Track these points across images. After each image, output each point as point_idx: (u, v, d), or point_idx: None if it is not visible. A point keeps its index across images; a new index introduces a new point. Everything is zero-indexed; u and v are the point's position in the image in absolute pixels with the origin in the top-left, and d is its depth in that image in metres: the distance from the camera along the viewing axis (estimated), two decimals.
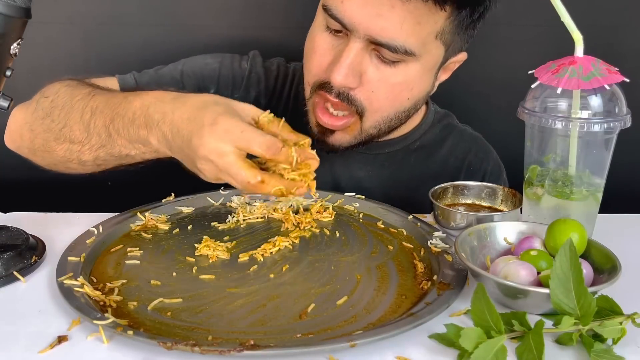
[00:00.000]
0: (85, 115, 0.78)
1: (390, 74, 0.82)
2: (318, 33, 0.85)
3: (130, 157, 0.77)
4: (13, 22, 0.63)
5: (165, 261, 0.72)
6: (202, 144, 0.68)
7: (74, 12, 1.21)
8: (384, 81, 0.83)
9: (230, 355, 0.53)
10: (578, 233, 0.66)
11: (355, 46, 0.80)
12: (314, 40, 0.85)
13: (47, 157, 0.83)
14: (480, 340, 0.54)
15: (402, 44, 0.79)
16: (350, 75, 0.81)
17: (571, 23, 0.70)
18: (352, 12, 0.78)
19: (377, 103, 0.85)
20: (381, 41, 0.78)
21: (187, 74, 0.99)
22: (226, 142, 0.67)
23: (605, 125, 0.71)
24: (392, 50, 0.79)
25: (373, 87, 0.83)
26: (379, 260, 0.73)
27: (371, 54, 0.81)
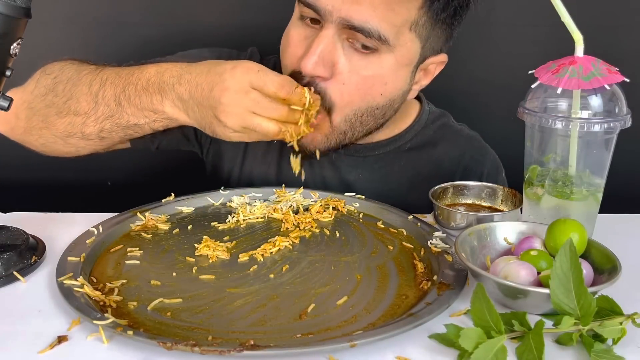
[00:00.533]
0: (94, 87, 0.81)
1: (362, 66, 0.81)
2: (292, 26, 0.85)
3: (139, 127, 0.80)
4: (13, 22, 0.63)
5: (165, 261, 0.72)
6: (225, 88, 0.73)
7: (74, 12, 1.21)
8: (356, 73, 0.81)
9: (230, 355, 0.53)
10: (578, 233, 0.66)
11: (327, 33, 0.79)
12: (289, 33, 0.86)
13: (44, 135, 0.84)
14: (480, 340, 0.54)
15: (376, 27, 0.78)
16: (320, 64, 0.79)
17: (571, 23, 0.70)
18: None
19: (348, 96, 0.82)
20: (354, 23, 0.77)
21: None
22: (246, 81, 0.73)
23: (605, 125, 0.71)
24: (366, 35, 0.78)
25: (344, 78, 0.81)
26: (379, 260, 0.73)
27: (344, 43, 0.80)
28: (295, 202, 0.88)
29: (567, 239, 0.58)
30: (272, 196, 0.90)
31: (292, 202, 0.88)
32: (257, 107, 0.74)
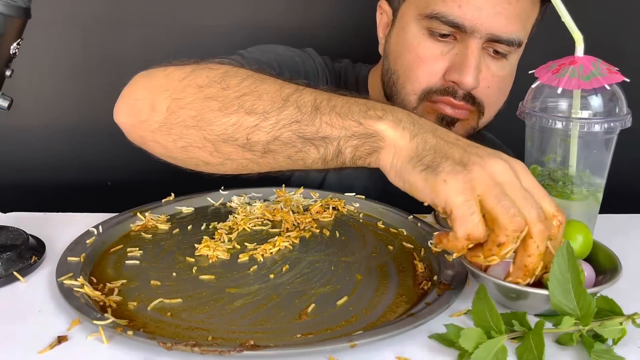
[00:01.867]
0: (287, 89, 0.65)
1: (499, 68, 0.88)
2: (420, 42, 0.86)
3: (327, 141, 0.62)
4: (13, 22, 0.64)
5: (165, 261, 0.72)
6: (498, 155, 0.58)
7: (74, 12, 1.21)
8: (496, 75, 0.87)
9: (230, 355, 0.53)
10: (583, 235, 0.66)
11: (476, 47, 0.83)
12: (417, 50, 0.87)
13: (189, 135, 0.66)
14: (480, 340, 0.54)
15: (518, 37, 0.85)
16: (478, 76, 0.84)
17: (571, 23, 0.70)
18: (472, 14, 0.82)
19: (494, 97, 0.89)
20: (501, 37, 0.83)
21: (283, 66, 0.92)
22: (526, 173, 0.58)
23: (605, 125, 0.71)
24: (509, 44, 0.84)
25: (488, 82, 0.87)
26: (379, 261, 0.73)
27: (483, 52, 0.86)
28: (295, 201, 0.88)
29: (565, 241, 0.58)
30: (272, 196, 0.90)
31: (292, 202, 0.88)
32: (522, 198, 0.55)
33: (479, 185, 0.55)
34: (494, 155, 0.57)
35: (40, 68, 1.20)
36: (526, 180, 0.57)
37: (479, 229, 0.55)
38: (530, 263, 0.56)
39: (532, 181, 0.58)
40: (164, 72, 0.70)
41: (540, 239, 0.55)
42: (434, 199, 0.56)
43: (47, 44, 1.19)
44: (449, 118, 0.88)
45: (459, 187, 0.55)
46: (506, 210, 0.54)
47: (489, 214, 0.55)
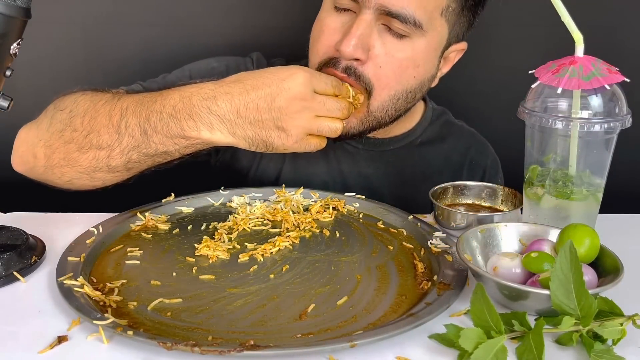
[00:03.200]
0: (114, 117, 0.76)
1: (397, 49, 0.84)
2: (325, 15, 0.87)
3: (168, 154, 0.77)
4: (13, 22, 0.63)
5: (165, 261, 0.72)
6: (291, 97, 0.74)
7: (74, 12, 1.21)
8: (391, 55, 0.84)
9: (230, 355, 0.53)
10: (590, 239, 0.65)
11: (365, 18, 0.82)
12: (322, 22, 0.87)
13: (67, 173, 0.80)
14: (480, 340, 0.54)
15: (412, 14, 0.81)
16: (359, 47, 0.82)
17: (571, 23, 0.70)
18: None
19: (385, 79, 0.86)
20: (391, 10, 0.81)
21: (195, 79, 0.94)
22: (309, 85, 0.75)
23: (605, 125, 0.71)
24: (402, 21, 0.82)
25: (380, 61, 0.84)
26: (379, 261, 0.73)
27: (379, 28, 0.84)
28: (296, 201, 0.88)
29: (567, 241, 0.58)
30: (272, 196, 0.90)
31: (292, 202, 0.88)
32: (323, 110, 0.76)
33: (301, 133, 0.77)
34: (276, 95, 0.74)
35: (40, 68, 1.20)
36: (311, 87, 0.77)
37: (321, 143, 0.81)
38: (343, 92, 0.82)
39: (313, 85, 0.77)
40: (36, 124, 0.83)
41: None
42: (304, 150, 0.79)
43: (47, 44, 1.19)
44: None
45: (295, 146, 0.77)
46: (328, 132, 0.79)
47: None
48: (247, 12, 1.24)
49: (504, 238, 0.72)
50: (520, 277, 0.64)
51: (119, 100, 0.78)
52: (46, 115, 0.82)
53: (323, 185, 0.99)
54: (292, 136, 0.76)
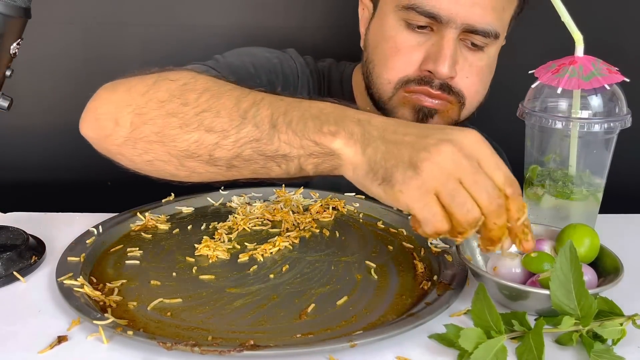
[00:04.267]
0: (244, 103, 0.65)
1: (476, 59, 0.88)
2: (397, 33, 0.88)
3: (287, 159, 0.63)
4: (13, 22, 0.64)
5: (165, 261, 0.72)
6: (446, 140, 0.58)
7: (74, 12, 1.21)
8: (474, 66, 0.88)
9: (230, 355, 0.53)
10: (590, 239, 0.65)
11: (452, 37, 0.84)
12: (395, 40, 0.88)
13: (154, 151, 0.67)
14: (480, 340, 0.54)
15: (495, 28, 0.85)
16: (453, 66, 0.85)
17: (571, 23, 0.70)
18: (448, 4, 0.83)
19: (473, 87, 0.89)
20: (477, 28, 0.84)
21: (258, 68, 0.94)
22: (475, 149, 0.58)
23: (605, 125, 0.71)
24: (485, 36, 0.85)
25: (466, 73, 0.88)
26: (379, 261, 0.73)
27: (459, 43, 0.86)
28: (296, 201, 0.88)
29: (568, 241, 0.58)
30: (272, 196, 0.90)
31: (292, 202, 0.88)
32: (472, 182, 0.57)
33: (432, 185, 0.57)
34: (441, 141, 0.58)
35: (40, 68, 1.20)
36: (477, 154, 0.58)
37: (444, 226, 0.58)
38: (494, 236, 0.59)
39: (483, 152, 0.58)
40: (127, 85, 0.71)
41: (495, 217, 0.58)
42: (398, 206, 0.60)
43: (47, 44, 1.19)
44: (427, 109, 0.88)
45: (415, 195, 0.57)
46: (460, 207, 0.57)
47: (446, 210, 0.57)
48: (247, 12, 1.24)
49: None
50: (520, 277, 0.64)
51: (252, 91, 0.67)
52: (142, 80, 0.70)
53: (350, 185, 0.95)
54: (419, 179, 0.57)
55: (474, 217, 0.57)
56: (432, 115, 0.89)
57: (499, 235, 0.59)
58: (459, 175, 0.57)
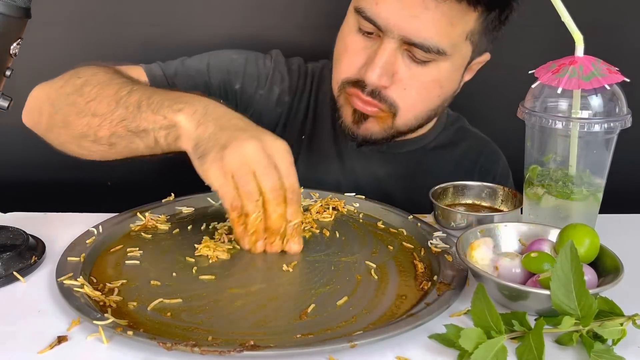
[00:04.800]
0: (122, 92, 0.77)
1: (421, 73, 0.85)
2: (350, 34, 0.88)
3: (145, 133, 0.74)
4: (13, 22, 0.63)
5: (165, 261, 0.72)
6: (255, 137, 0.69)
7: (74, 12, 1.21)
8: (416, 79, 0.86)
9: (230, 355, 0.53)
10: (590, 239, 0.65)
11: (389, 47, 0.83)
12: (346, 41, 0.88)
13: (62, 134, 0.82)
14: (480, 340, 0.54)
15: (435, 44, 0.82)
16: (384, 75, 0.84)
17: (571, 23, 0.70)
18: (387, 13, 0.81)
19: (411, 100, 0.87)
20: (415, 41, 0.81)
21: (214, 68, 0.99)
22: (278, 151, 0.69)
23: (605, 125, 0.71)
24: (425, 50, 0.82)
25: (405, 84, 0.86)
26: (379, 261, 0.73)
27: (403, 53, 0.84)
28: None
29: (568, 241, 0.58)
30: None
31: None
32: (262, 173, 0.68)
33: (230, 168, 0.68)
34: (252, 137, 0.69)
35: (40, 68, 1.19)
36: (277, 158, 0.69)
37: (235, 202, 0.69)
38: (274, 224, 0.71)
39: (282, 159, 0.70)
40: (50, 82, 0.86)
41: (274, 204, 0.69)
42: (206, 181, 0.70)
43: (47, 44, 1.19)
44: (359, 112, 0.89)
45: (217, 173, 0.68)
46: (245, 187, 0.68)
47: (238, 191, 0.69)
48: (247, 12, 1.24)
49: (503, 238, 0.72)
50: (520, 277, 0.64)
51: (136, 83, 0.81)
52: (62, 78, 0.85)
53: (335, 183, 0.99)
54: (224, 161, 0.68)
55: (255, 198, 0.68)
56: (366, 119, 0.89)
57: (277, 225, 0.71)
58: (254, 165, 0.68)
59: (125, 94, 0.77)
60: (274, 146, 0.69)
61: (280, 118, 1.02)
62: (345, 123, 0.92)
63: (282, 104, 1.01)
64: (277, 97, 1.02)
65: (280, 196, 0.69)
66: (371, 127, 0.90)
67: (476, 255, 0.67)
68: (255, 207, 0.69)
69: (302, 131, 1.02)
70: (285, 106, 1.02)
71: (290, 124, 1.02)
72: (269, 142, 0.69)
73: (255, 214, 0.69)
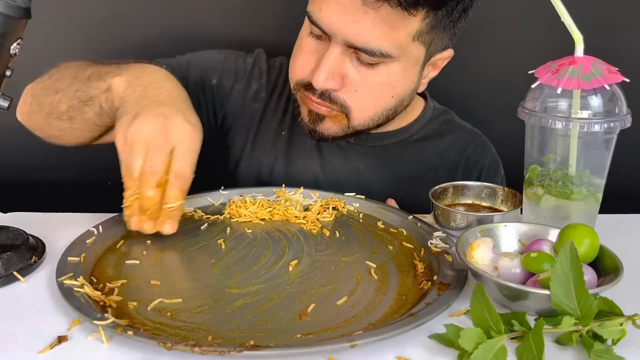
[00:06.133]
0: (80, 71, 0.84)
1: (371, 75, 0.86)
2: (303, 36, 0.89)
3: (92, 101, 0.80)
4: (13, 22, 0.63)
5: (165, 261, 0.72)
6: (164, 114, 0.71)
7: (74, 12, 1.21)
8: (366, 81, 0.86)
9: (230, 355, 0.53)
10: (590, 239, 0.65)
11: (334, 51, 0.84)
12: (300, 43, 0.90)
13: (37, 119, 0.89)
14: (480, 340, 0.54)
15: (378, 47, 0.82)
16: (330, 79, 0.84)
17: (571, 23, 0.70)
18: (329, 18, 0.82)
19: (362, 102, 0.88)
20: (357, 45, 0.82)
21: (192, 65, 1.01)
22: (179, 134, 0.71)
23: (605, 125, 0.71)
24: (369, 54, 0.82)
25: (355, 87, 0.86)
26: (379, 261, 0.73)
27: (351, 56, 0.85)
28: (296, 201, 0.88)
29: (568, 241, 0.58)
30: (272, 196, 0.90)
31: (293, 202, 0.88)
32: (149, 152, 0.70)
33: (130, 138, 0.70)
34: (162, 115, 0.71)
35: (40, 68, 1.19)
36: (175, 141, 0.71)
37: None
38: (145, 204, 0.71)
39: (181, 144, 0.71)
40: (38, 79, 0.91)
41: (146, 183, 0.70)
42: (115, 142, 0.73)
43: (47, 44, 1.19)
44: (314, 112, 0.90)
45: (120, 139, 0.71)
46: (126, 160, 0.71)
47: None
48: (247, 12, 1.24)
49: (503, 238, 0.72)
50: (520, 277, 0.65)
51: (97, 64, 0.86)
52: (48, 73, 0.90)
53: (314, 179, 1.00)
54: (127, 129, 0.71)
55: (133, 175, 0.70)
56: (322, 120, 0.90)
57: (147, 205, 0.71)
58: (149, 142, 0.70)
59: (83, 70, 0.84)
60: (178, 128, 0.71)
61: (257, 113, 1.03)
62: (303, 121, 0.93)
63: (259, 99, 1.03)
64: (254, 93, 1.03)
65: (156, 180, 0.70)
66: (328, 127, 0.91)
67: (476, 255, 0.67)
68: (131, 183, 0.71)
69: (281, 127, 1.03)
70: (262, 102, 1.03)
71: (267, 119, 1.03)
72: (175, 124, 0.71)
73: (131, 191, 0.71)
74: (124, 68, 0.80)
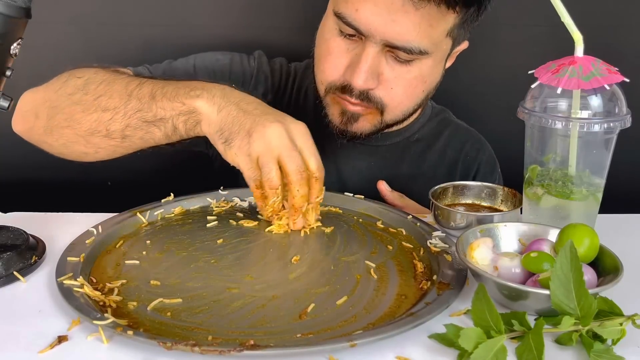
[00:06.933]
0: (131, 85, 0.80)
1: (405, 71, 0.87)
2: (331, 37, 0.89)
3: (163, 121, 0.78)
4: (13, 22, 0.63)
5: (165, 261, 0.72)
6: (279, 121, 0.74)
7: (74, 12, 1.21)
8: (401, 78, 0.88)
9: (230, 355, 0.53)
10: (590, 239, 0.65)
11: (372, 50, 0.85)
12: (328, 44, 0.89)
13: (65, 134, 0.83)
14: (480, 340, 0.54)
15: (417, 45, 0.84)
16: (370, 79, 0.86)
17: (571, 23, 0.70)
18: (368, 19, 0.82)
19: (397, 98, 0.90)
20: (397, 45, 0.83)
21: (200, 68, 1.01)
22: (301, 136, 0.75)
23: (605, 125, 0.71)
24: (408, 52, 0.84)
25: (391, 84, 0.88)
26: (378, 260, 0.73)
27: (386, 55, 0.86)
28: None
29: (568, 240, 0.58)
30: None
31: None
32: (287, 156, 0.73)
33: (256, 154, 0.73)
34: (276, 121, 0.73)
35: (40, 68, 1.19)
36: (300, 141, 0.75)
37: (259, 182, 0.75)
38: (297, 203, 0.76)
39: (305, 142, 0.75)
40: (45, 86, 0.87)
41: (297, 185, 0.74)
42: (233, 164, 0.75)
43: (47, 44, 1.19)
44: (350, 113, 0.91)
45: (244, 159, 0.74)
46: (267, 174, 0.73)
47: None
48: (247, 12, 1.24)
49: (503, 238, 0.72)
50: (519, 277, 0.65)
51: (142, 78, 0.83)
52: (59, 80, 0.86)
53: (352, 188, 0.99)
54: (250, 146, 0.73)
55: (275, 185, 0.74)
56: (357, 119, 0.91)
57: (300, 203, 0.76)
58: (280, 150, 0.73)
59: (136, 86, 0.80)
60: (295, 129, 0.74)
61: None
62: (333, 122, 0.93)
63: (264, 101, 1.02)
64: (261, 96, 1.03)
65: (304, 178, 0.74)
66: (362, 126, 0.93)
67: (476, 255, 0.67)
68: (273, 193, 0.75)
69: None
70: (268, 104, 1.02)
71: None
72: (291, 125, 0.74)
73: (274, 199, 0.75)
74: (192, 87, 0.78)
